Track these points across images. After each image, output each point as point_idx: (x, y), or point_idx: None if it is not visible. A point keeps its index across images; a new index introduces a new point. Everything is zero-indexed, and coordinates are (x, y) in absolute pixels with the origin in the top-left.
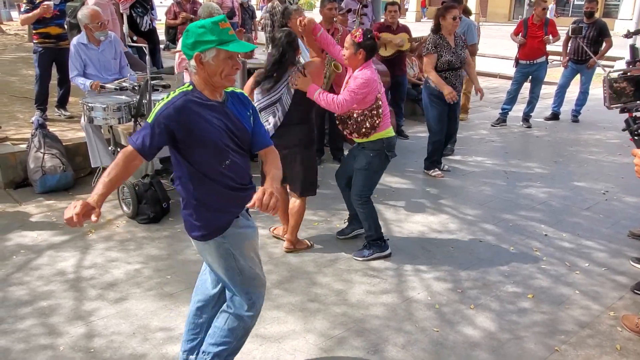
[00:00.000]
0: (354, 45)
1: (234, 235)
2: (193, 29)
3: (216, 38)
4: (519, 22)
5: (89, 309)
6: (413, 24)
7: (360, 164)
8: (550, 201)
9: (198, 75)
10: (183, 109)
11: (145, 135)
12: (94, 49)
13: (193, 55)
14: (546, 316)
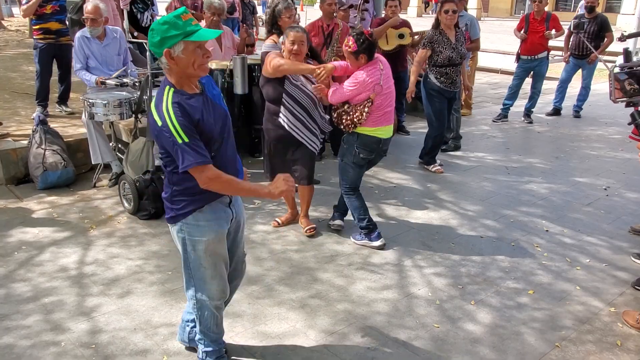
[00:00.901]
0: (352, 55)
1: (193, 225)
2: (157, 27)
3: (181, 31)
4: (521, 18)
5: (91, 305)
6: (414, 19)
7: (342, 154)
8: (552, 197)
9: (172, 73)
10: (185, 111)
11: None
12: (97, 43)
13: (163, 53)
14: (547, 312)
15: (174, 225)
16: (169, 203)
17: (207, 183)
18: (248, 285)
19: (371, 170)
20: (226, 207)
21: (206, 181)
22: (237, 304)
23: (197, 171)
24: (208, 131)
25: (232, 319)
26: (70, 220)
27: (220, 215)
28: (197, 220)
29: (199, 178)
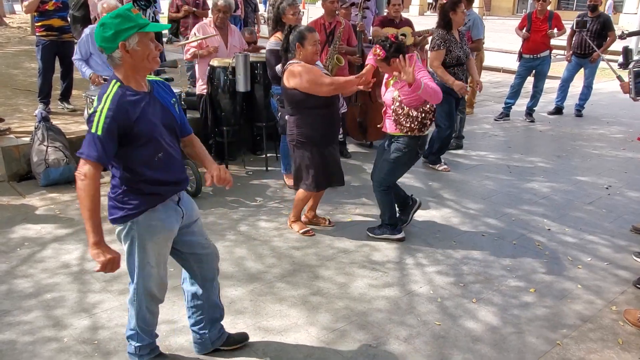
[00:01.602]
0: (383, 62)
1: (144, 224)
2: (109, 21)
3: (135, 23)
4: (523, 16)
5: (93, 302)
6: (416, 17)
7: (390, 155)
8: (553, 196)
9: (124, 67)
10: (122, 108)
11: (98, 144)
12: None
13: (117, 46)
14: (548, 310)
15: (123, 224)
16: (118, 202)
17: (79, 177)
18: (250, 282)
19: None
20: (176, 205)
21: (80, 174)
22: (239, 301)
23: (83, 162)
24: (146, 130)
25: (233, 315)
26: (72, 217)
27: (171, 214)
28: (149, 220)
29: (79, 169)
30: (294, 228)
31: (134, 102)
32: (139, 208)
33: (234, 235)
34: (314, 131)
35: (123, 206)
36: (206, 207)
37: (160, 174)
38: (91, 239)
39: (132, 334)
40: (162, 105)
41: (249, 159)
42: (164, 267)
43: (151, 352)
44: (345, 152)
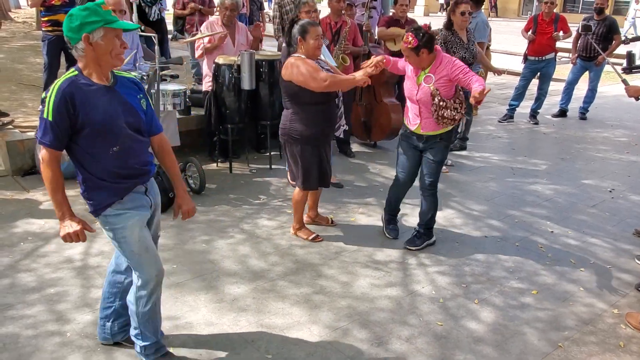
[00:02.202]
0: (413, 51)
1: (115, 215)
2: (77, 13)
3: (101, 18)
4: (529, 19)
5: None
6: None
7: (441, 156)
8: (557, 198)
9: (86, 58)
10: (72, 94)
11: (49, 129)
12: None
13: (81, 37)
14: (550, 312)
15: (98, 217)
16: (86, 199)
17: (41, 163)
18: (253, 280)
19: (376, 168)
20: (143, 195)
21: (41, 161)
22: (241, 298)
23: (40, 147)
24: (98, 121)
25: (236, 312)
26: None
27: (141, 203)
28: (117, 210)
29: (39, 152)
30: (300, 236)
31: (88, 92)
32: (104, 202)
33: (237, 233)
34: (308, 128)
35: (90, 202)
36: (209, 204)
37: (116, 167)
38: (57, 214)
39: (137, 333)
40: (124, 101)
41: (252, 157)
42: (152, 250)
43: (157, 352)
44: (349, 152)
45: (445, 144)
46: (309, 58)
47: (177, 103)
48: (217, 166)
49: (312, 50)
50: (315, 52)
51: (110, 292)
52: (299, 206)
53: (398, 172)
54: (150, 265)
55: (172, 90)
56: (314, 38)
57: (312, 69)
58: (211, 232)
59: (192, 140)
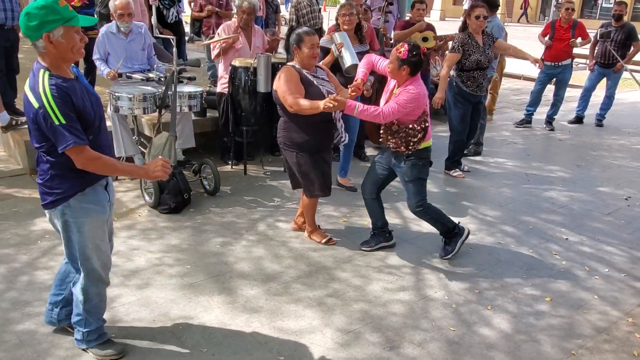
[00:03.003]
0: (397, 61)
1: (77, 207)
2: (34, 12)
3: (60, 16)
4: (546, 24)
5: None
6: (437, 22)
7: (412, 175)
8: (572, 205)
9: (48, 57)
10: (65, 93)
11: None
12: (122, 39)
13: (41, 36)
14: (564, 320)
15: (54, 209)
16: (47, 188)
17: (85, 164)
18: (266, 282)
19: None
20: (103, 189)
21: (84, 162)
22: (254, 300)
23: (75, 152)
24: (87, 115)
25: (249, 314)
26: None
27: (102, 197)
28: (80, 203)
29: (76, 159)
30: (314, 239)
31: (69, 87)
32: (68, 192)
33: (252, 235)
34: (301, 136)
35: (52, 191)
36: (224, 206)
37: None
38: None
39: (79, 319)
40: (89, 90)
41: (267, 159)
42: (104, 246)
43: (99, 338)
44: (363, 156)
45: (417, 162)
46: (304, 67)
47: (194, 105)
48: (232, 168)
49: (307, 60)
50: (310, 61)
51: (63, 280)
52: (308, 210)
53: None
54: (102, 263)
55: (188, 92)
56: (309, 47)
57: (289, 87)
58: (225, 233)
59: (207, 141)
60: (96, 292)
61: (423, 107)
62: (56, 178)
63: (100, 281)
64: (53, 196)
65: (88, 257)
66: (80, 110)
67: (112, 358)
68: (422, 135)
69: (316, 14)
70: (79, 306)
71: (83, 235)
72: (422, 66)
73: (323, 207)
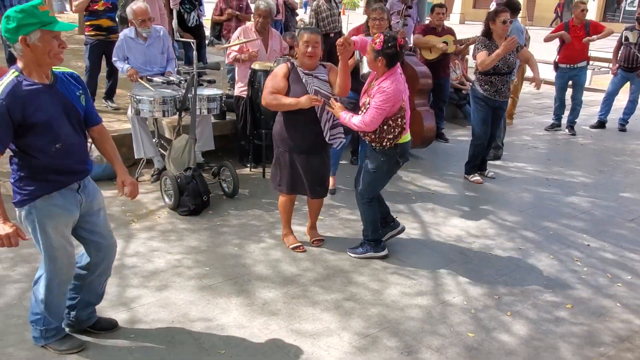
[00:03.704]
0: (373, 52)
1: (42, 209)
2: (13, 14)
3: (38, 20)
4: (559, 25)
5: (132, 296)
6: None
7: (371, 165)
8: (594, 211)
9: (24, 58)
10: (14, 95)
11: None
12: (140, 44)
13: (18, 39)
14: (585, 327)
15: (22, 208)
16: (16, 187)
17: None
18: (284, 285)
19: (409, 177)
20: (75, 192)
21: None
22: (272, 302)
23: None
24: (42, 121)
25: (267, 316)
26: (113, 213)
27: (70, 200)
28: (46, 205)
29: None
30: (285, 242)
31: (31, 91)
32: (34, 193)
33: (270, 238)
34: (286, 132)
35: (20, 191)
36: (242, 208)
37: (56, 163)
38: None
39: (38, 318)
40: (64, 97)
41: None
42: (69, 247)
43: (57, 334)
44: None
45: (379, 156)
46: (301, 64)
47: (213, 108)
48: (250, 171)
49: (301, 57)
50: (304, 59)
51: (76, 284)
52: (280, 209)
53: None
54: (63, 264)
55: (207, 94)
56: (303, 45)
57: (267, 82)
58: (244, 236)
59: (226, 144)
60: (58, 292)
61: (399, 103)
62: (24, 179)
63: (64, 282)
64: (21, 196)
65: (53, 257)
66: (29, 120)
67: (72, 352)
68: (398, 132)
69: (336, 17)
70: (39, 305)
71: (47, 236)
72: (398, 59)
73: (340, 211)
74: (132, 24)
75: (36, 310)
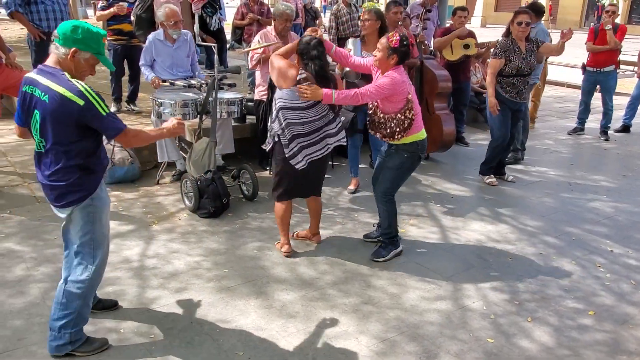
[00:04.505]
0: (388, 49)
1: (99, 198)
2: (84, 29)
3: (97, 47)
4: (589, 30)
5: (151, 297)
6: (478, 29)
7: (393, 163)
8: (617, 216)
9: (65, 62)
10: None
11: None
12: (168, 46)
13: (71, 48)
14: (608, 335)
15: (80, 204)
16: (74, 186)
17: (132, 140)
18: (302, 288)
19: (428, 180)
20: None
21: (131, 139)
22: (290, 305)
23: (124, 133)
24: None
25: (285, 319)
26: (134, 215)
27: (106, 192)
28: (100, 193)
29: (124, 138)
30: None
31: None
32: (94, 187)
33: None
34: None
35: (80, 187)
36: (262, 211)
37: (104, 159)
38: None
39: (69, 320)
40: None
41: None
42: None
43: (82, 337)
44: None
45: (403, 153)
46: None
47: (234, 111)
48: (270, 174)
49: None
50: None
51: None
52: (277, 215)
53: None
54: (105, 248)
55: (228, 98)
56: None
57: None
58: (263, 238)
59: (246, 147)
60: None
61: (404, 94)
62: (82, 177)
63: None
64: (80, 192)
65: (103, 244)
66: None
67: (101, 350)
68: (408, 125)
69: (355, 21)
70: (73, 302)
71: (102, 224)
72: (408, 57)
73: (360, 214)
74: (163, 26)
75: (67, 311)
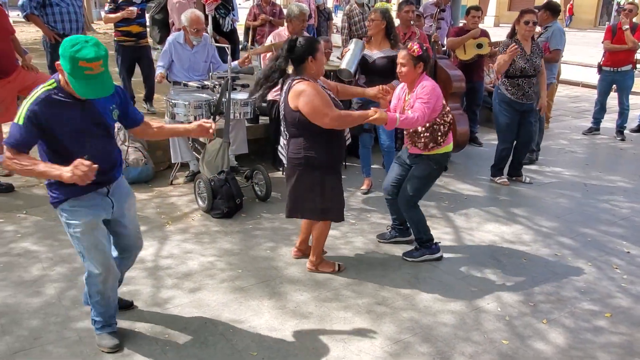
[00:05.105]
0: (413, 59)
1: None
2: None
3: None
4: (607, 28)
5: (165, 297)
6: (491, 28)
7: (421, 172)
8: (634, 217)
9: (62, 75)
10: (40, 113)
11: (18, 132)
12: (187, 50)
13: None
14: (625, 337)
15: (56, 209)
16: (50, 189)
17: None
18: (316, 288)
19: (442, 181)
20: (104, 197)
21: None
22: (304, 305)
23: (6, 149)
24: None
25: (298, 319)
26: (148, 215)
27: (97, 203)
28: (73, 207)
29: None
30: (322, 270)
31: (60, 104)
32: (63, 196)
33: None
34: (326, 154)
35: (51, 193)
36: (274, 211)
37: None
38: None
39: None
40: (95, 112)
41: None
42: (102, 246)
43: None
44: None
45: (432, 164)
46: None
47: (247, 112)
48: (283, 174)
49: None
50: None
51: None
52: (321, 237)
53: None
54: (97, 263)
55: (241, 99)
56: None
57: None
58: (276, 239)
59: (259, 148)
60: (96, 290)
61: (442, 99)
62: (54, 183)
63: (101, 282)
64: (53, 198)
65: (84, 257)
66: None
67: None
68: (448, 128)
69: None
70: (89, 292)
71: (76, 234)
72: (429, 60)
73: (372, 215)
74: (185, 30)
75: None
